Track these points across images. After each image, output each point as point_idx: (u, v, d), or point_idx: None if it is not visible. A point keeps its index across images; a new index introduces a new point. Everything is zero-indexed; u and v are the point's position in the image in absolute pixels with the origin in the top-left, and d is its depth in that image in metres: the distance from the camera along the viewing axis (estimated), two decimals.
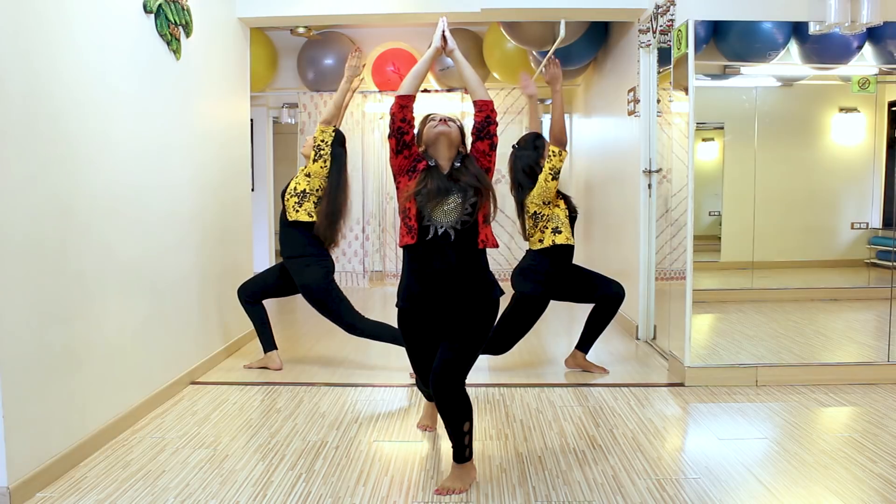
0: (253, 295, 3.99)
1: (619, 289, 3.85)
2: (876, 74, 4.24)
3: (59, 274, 2.60)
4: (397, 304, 2.52)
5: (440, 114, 2.51)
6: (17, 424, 2.36)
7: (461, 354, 2.41)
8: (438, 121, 2.47)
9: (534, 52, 5.52)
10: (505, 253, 6.95)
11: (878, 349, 3.95)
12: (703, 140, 4.50)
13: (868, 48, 4.06)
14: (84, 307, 2.76)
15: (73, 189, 2.69)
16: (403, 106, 2.42)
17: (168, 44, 3.50)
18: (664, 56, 4.20)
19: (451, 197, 2.37)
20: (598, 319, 3.87)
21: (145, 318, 3.27)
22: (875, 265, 4.57)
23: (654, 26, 4.21)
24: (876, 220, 4.58)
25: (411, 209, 2.37)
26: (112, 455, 2.78)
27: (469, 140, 2.53)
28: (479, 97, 2.49)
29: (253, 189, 5.78)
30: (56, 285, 2.58)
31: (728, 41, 4.13)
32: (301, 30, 6.18)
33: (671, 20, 3.87)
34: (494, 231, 2.95)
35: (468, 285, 2.42)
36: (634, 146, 4.71)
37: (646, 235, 4.62)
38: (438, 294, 2.41)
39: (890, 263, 4.30)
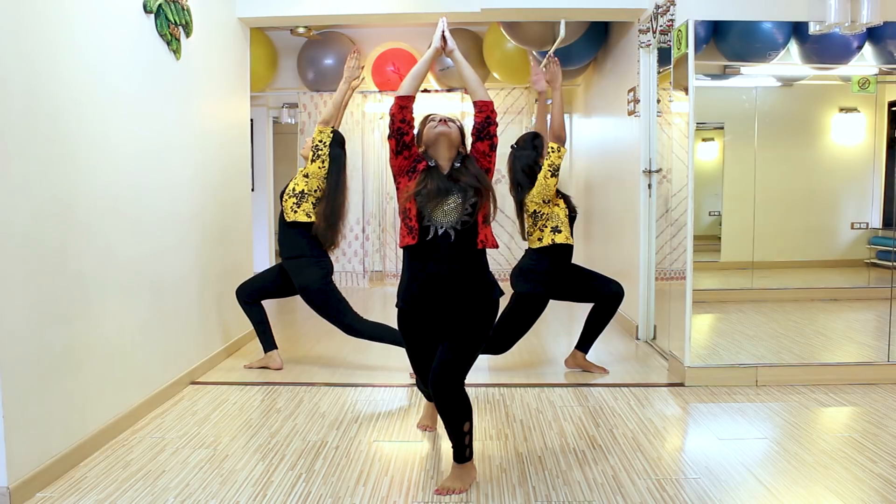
0: (251, 295, 3.99)
1: (619, 288, 3.85)
2: (876, 74, 4.24)
3: (59, 274, 2.60)
4: (397, 305, 2.52)
5: (440, 114, 2.51)
6: (17, 424, 2.36)
7: (461, 355, 2.41)
8: (438, 121, 2.46)
9: (534, 52, 5.53)
10: (505, 253, 6.95)
11: (878, 349, 3.95)
12: (703, 140, 4.50)
13: (868, 48, 4.06)
14: (84, 307, 2.76)
15: (73, 189, 2.69)
16: (403, 106, 2.42)
17: (168, 44, 3.50)
18: (664, 56, 4.20)
19: (451, 197, 2.37)
20: (598, 319, 3.88)
21: (145, 318, 3.28)
22: (875, 265, 4.57)
23: (654, 26, 4.21)
24: (876, 220, 4.58)
25: (411, 209, 2.37)
26: (112, 455, 2.78)
27: (469, 140, 2.53)
28: (479, 97, 2.49)
29: (253, 189, 5.78)
30: (56, 285, 2.58)
31: (728, 41, 4.13)
32: (301, 30, 6.18)
33: (671, 20, 3.88)
34: (494, 231, 2.95)
35: (468, 285, 2.42)
36: (634, 146, 4.71)
37: (646, 235, 4.62)
38: (438, 294, 2.41)
39: (890, 263, 4.30)
